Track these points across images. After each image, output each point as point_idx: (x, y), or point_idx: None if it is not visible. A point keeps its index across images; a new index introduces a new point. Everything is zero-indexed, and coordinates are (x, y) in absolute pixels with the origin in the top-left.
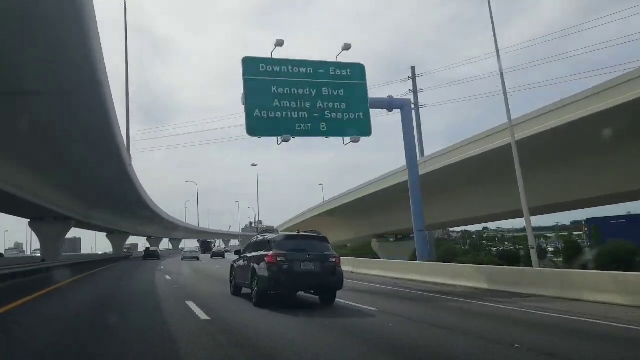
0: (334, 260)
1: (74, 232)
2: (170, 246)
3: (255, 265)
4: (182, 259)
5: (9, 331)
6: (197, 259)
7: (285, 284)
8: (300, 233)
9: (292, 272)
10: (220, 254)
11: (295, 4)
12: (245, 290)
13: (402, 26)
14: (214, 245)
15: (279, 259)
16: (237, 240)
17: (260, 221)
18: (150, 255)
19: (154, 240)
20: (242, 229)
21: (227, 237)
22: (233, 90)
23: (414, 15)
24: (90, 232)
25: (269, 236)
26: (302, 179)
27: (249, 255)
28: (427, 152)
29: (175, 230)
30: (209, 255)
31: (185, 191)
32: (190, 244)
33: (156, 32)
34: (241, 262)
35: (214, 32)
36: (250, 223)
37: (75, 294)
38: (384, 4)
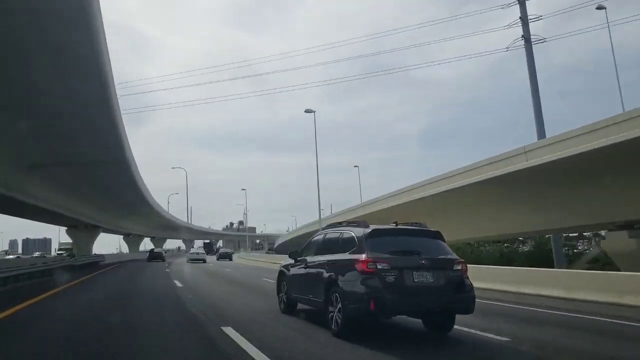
0: (459, 267)
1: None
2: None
3: (335, 275)
4: (187, 261)
5: None
6: (204, 261)
7: (393, 306)
8: (401, 226)
9: (401, 286)
10: (227, 256)
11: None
12: (300, 306)
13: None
14: (220, 246)
15: (379, 267)
16: (220, 242)
17: (241, 221)
18: (155, 257)
19: (156, 240)
20: (222, 229)
21: (225, 237)
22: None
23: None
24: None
25: (354, 231)
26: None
27: (318, 259)
28: None
29: (176, 230)
30: (213, 257)
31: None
32: (178, 244)
33: (134, 30)
34: (301, 269)
35: (192, 32)
36: (232, 223)
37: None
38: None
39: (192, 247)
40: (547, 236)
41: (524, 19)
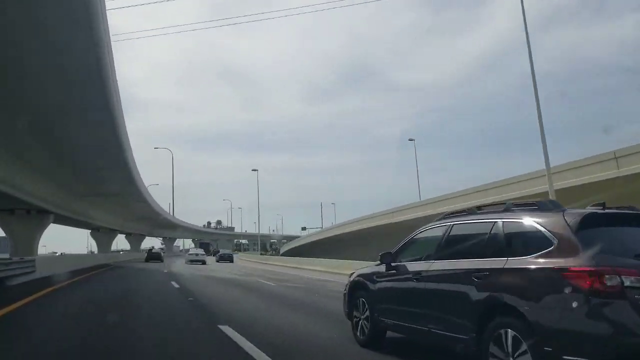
0: None
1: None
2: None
3: (506, 296)
4: (186, 263)
5: None
6: (204, 262)
7: None
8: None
9: None
10: (228, 257)
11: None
12: (390, 334)
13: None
14: (215, 246)
15: (627, 282)
16: (190, 243)
17: (220, 221)
18: (153, 257)
19: (132, 238)
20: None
21: (219, 235)
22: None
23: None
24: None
25: (541, 219)
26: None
27: (447, 267)
28: None
29: (173, 228)
30: (212, 258)
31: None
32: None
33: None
34: (404, 281)
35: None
36: (209, 222)
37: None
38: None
39: (179, 248)
40: None
41: None
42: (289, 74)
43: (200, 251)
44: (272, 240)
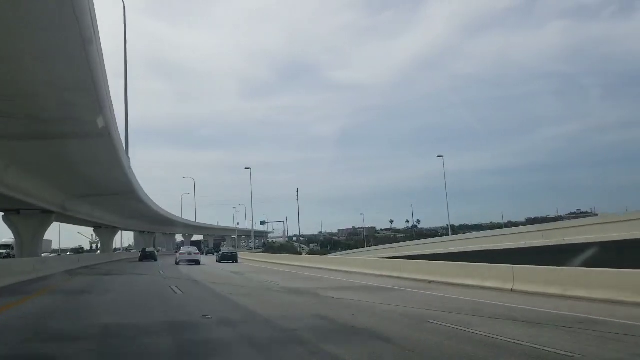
0: None
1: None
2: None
3: None
4: (177, 263)
5: None
6: (198, 262)
7: None
8: None
9: None
10: (231, 257)
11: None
12: None
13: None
14: (221, 245)
15: None
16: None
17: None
18: (147, 256)
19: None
20: None
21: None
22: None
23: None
24: None
25: None
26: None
27: None
28: None
29: (170, 225)
30: (206, 256)
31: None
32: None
33: None
34: None
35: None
36: None
37: None
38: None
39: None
40: None
41: None
42: (225, 68)
43: (194, 249)
44: (272, 239)
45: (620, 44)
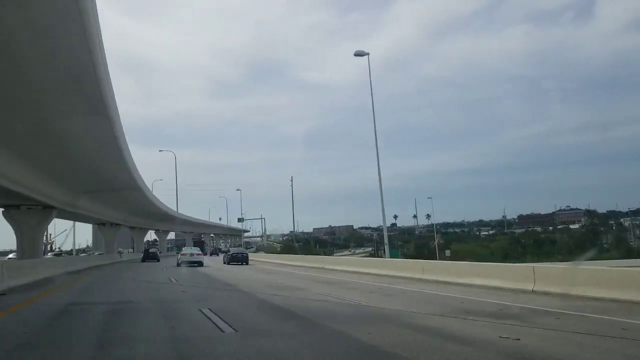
0: None
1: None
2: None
3: None
4: (178, 265)
5: None
6: (201, 264)
7: None
8: None
9: None
10: (242, 259)
11: None
12: None
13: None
14: (226, 245)
15: None
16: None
17: None
18: (150, 257)
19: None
20: None
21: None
22: None
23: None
24: None
25: None
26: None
27: None
28: None
29: (169, 221)
30: (212, 257)
31: None
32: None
33: None
34: None
35: None
36: None
37: None
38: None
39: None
40: None
41: None
42: (192, 67)
43: (196, 250)
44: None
45: (578, 49)
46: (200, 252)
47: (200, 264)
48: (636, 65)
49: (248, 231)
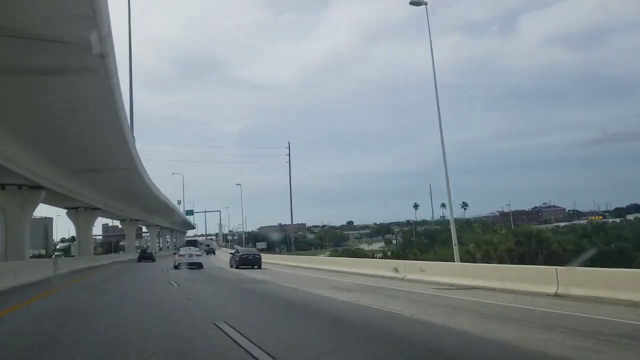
0: None
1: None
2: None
3: None
4: (175, 267)
5: None
6: (200, 265)
7: None
8: None
9: None
10: (253, 261)
11: None
12: None
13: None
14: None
15: None
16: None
17: None
18: (146, 257)
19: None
20: None
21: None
22: None
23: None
24: None
25: None
26: None
27: None
28: None
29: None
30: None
31: None
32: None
33: None
34: None
35: None
36: None
37: None
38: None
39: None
40: None
41: None
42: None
43: (195, 250)
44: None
45: (502, 59)
46: (199, 252)
47: (200, 265)
48: (555, 78)
49: (194, 228)
